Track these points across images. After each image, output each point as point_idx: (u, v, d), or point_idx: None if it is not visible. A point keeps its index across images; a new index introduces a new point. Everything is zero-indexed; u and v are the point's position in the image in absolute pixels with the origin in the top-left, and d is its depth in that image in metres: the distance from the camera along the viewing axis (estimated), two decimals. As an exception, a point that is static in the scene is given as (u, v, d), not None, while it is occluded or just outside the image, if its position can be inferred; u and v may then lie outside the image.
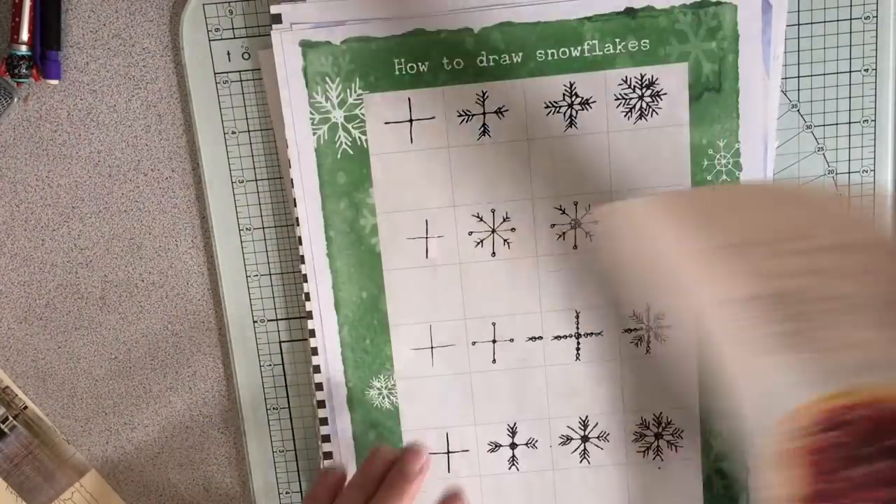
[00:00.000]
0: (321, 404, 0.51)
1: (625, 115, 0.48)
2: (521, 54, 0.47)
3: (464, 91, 0.48)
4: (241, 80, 0.49)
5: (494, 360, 0.51)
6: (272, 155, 0.50)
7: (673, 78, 0.47)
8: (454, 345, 0.51)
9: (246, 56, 0.49)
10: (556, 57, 0.47)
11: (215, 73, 0.49)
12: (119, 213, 0.51)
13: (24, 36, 0.48)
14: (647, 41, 0.47)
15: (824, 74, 0.48)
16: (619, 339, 0.51)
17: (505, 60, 0.47)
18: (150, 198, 0.51)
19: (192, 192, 0.51)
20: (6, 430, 0.54)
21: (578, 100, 0.48)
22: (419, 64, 0.47)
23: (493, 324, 0.51)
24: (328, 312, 0.50)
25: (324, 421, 0.52)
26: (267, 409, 0.53)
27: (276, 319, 0.52)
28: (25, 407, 0.54)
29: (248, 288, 0.52)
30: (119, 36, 0.49)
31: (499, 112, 0.48)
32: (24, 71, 0.48)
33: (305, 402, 0.53)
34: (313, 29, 0.47)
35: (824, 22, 0.48)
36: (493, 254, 0.50)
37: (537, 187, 0.49)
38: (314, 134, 0.48)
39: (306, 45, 0.47)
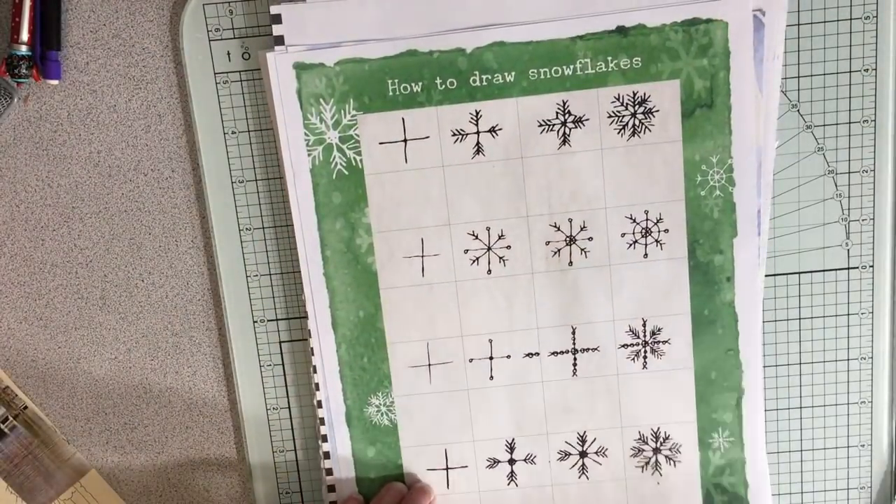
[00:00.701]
0: (321, 404, 0.52)
1: (618, 133, 0.48)
2: (513, 73, 0.47)
3: (457, 110, 0.48)
4: (241, 80, 0.49)
5: (492, 377, 0.51)
6: (272, 155, 0.50)
7: (665, 95, 0.47)
8: (451, 362, 0.51)
9: (246, 56, 0.49)
10: (548, 75, 0.47)
11: (215, 73, 0.49)
12: (119, 213, 0.51)
13: (24, 36, 0.48)
14: (639, 59, 0.47)
15: (824, 74, 0.48)
16: (616, 355, 0.51)
17: (498, 79, 0.47)
18: (150, 198, 0.51)
19: (192, 192, 0.51)
20: (6, 430, 0.54)
21: (571, 118, 0.48)
22: (412, 84, 0.47)
23: (490, 340, 0.51)
24: (326, 331, 0.50)
25: (323, 421, 0.52)
26: (267, 409, 0.53)
27: (276, 319, 0.52)
28: (25, 407, 0.54)
29: (248, 288, 0.52)
30: (119, 36, 0.49)
31: (492, 131, 0.48)
32: (24, 71, 0.48)
33: (305, 403, 0.53)
34: (308, 51, 0.47)
35: (824, 22, 0.48)
36: (489, 271, 0.50)
37: (532, 205, 0.49)
38: (309, 155, 0.48)
39: (300, 68, 0.47)
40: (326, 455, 0.52)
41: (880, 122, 0.49)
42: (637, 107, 0.47)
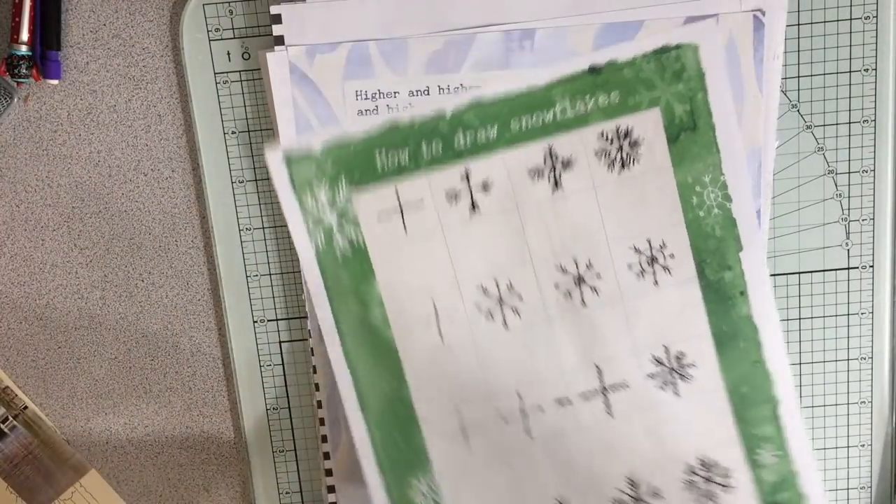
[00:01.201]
0: (321, 404, 0.52)
1: (608, 168, 0.48)
2: (495, 127, 0.47)
3: (447, 172, 0.48)
4: (241, 80, 0.49)
5: (529, 434, 0.50)
6: (272, 155, 0.50)
7: (648, 124, 0.47)
8: (485, 424, 0.50)
9: (246, 56, 0.49)
10: (530, 124, 0.47)
11: (215, 73, 0.49)
12: (119, 213, 0.52)
13: (24, 36, 0.48)
14: (617, 93, 0.47)
15: (824, 74, 0.48)
16: (646, 387, 0.49)
17: (481, 136, 0.47)
18: (150, 198, 0.51)
19: (192, 192, 0.51)
20: (6, 430, 0.54)
21: (560, 161, 0.48)
22: (399, 152, 0.47)
23: (518, 393, 0.50)
24: (354, 413, 0.50)
25: (323, 421, 0.52)
26: (267, 410, 0.53)
27: (276, 319, 0.52)
28: (25, 407, 0.54)
29: (248, 288, 0.52)
30: (119, 36, 0.49)
31: (485, 186, 0.48)
32: (24, 71, 0.48)
33: (305, 403, 0.53)
34: (294, 147, 0.47)
35: (824, 22, 0.48)
36: (505, 324, 0.49)
37: (535, 251, 0.49)
38: (312, 241, 0.48)
39: (289, 162, 0.47)
40: (326, 455, 0.52)
41: (880, 122, 0.49)
42: (623, 140, 0.47)
